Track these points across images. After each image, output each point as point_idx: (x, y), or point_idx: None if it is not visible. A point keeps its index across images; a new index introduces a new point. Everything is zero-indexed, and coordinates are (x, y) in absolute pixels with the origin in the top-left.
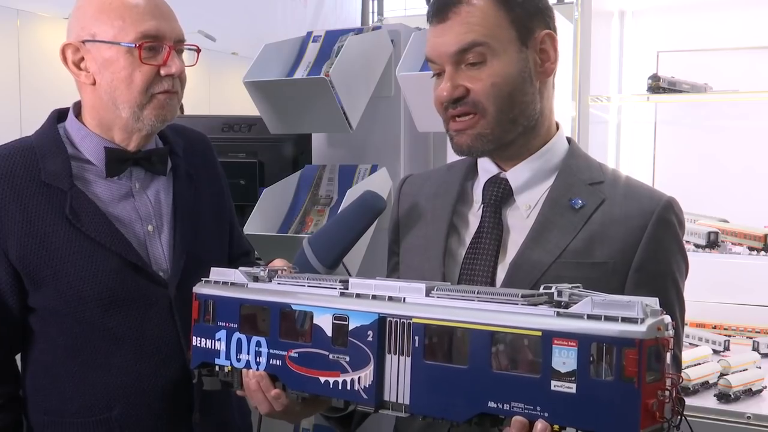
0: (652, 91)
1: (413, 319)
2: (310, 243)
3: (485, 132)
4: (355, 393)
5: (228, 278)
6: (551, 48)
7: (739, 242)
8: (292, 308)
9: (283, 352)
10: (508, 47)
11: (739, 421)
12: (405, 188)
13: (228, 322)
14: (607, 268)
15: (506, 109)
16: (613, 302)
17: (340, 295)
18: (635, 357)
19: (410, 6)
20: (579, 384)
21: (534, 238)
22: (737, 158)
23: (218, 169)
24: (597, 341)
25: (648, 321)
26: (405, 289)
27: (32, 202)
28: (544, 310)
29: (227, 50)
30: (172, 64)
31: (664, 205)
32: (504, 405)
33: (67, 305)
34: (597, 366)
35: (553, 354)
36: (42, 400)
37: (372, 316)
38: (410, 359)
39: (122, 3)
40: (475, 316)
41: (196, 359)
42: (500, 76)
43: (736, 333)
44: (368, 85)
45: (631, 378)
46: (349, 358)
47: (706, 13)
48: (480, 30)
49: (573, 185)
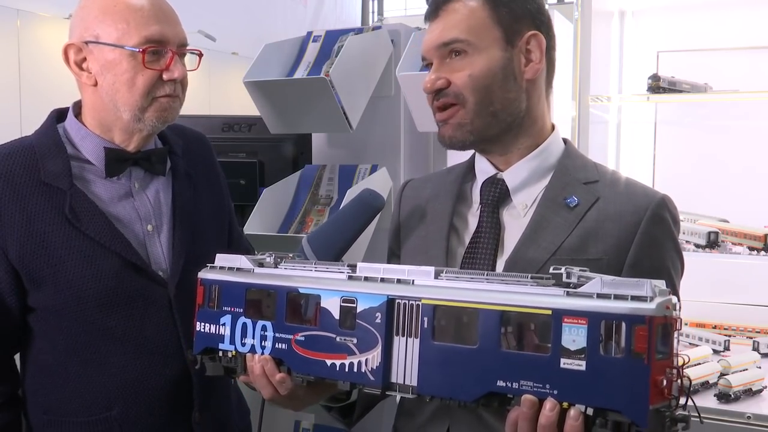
0: (652, 91)
1: (422, 300)
2: (309, 241)
3: (465, 122)
4: (362, 375)
5: (234, 264)
6: (536, 49)
7: (739, 242)
8: (300, 292)
9: (290, 335)
10: (491, 45)
11: (739, 421)
12: (406, 192)
13: (233, 306)
14: (601, 265)
15: (486, 102)
16: (623, 282)
17: (348, 278)
18: (645, 334)
19: (410, 6)
20: (589, 361)
21: (529, 237)
22: (737, 158)
23: (217, 168)
24: (607, 319)
25: (657, 299)
26: (413, 272)
27: (32, 202)
28: (554, 290)
29: (227, 50)
30: (175, 69)
31: (658, 202)
32: (513, 384)
33: (66, 305)
34: (606, 343)
35: (563, 332)
36: (41, 399)
37: (381, 298)
38: (419, 340)
39: (127, 6)
40: (485, 297)
41: (199, 345)
42: (480, 69)
43: (736, 333)
44: (368, 85)
45: (641, 354)
46: (357, 340)
47: (706, 13)
48: (464, 27)
49: (568, 184)
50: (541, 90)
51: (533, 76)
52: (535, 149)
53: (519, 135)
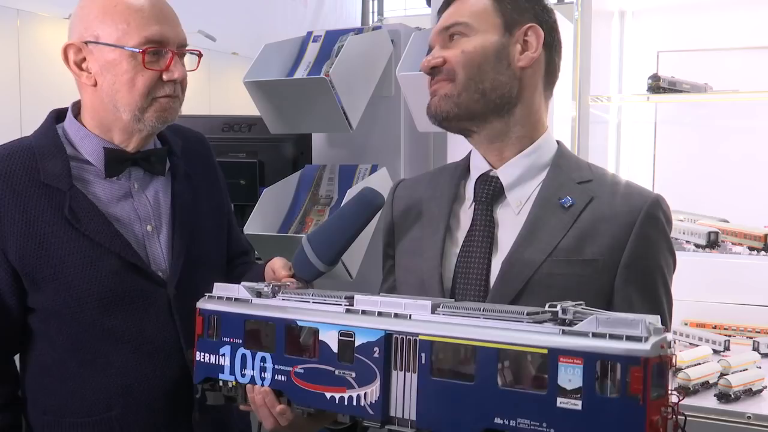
0: (652, 91)
1: (420, 336)
2: (309, 240)
3: (452, 93)
4: (361, 408)
5: (232, 294)
6: (534, 40)
7: (739, 242)
8: (298, 324)
9: (289, 367)
10: (489, 29)
11: (739, 421)
12: (398, 192)
13: (232, 337)
14: (597, 265)
15: (476, 78)
16: (618, 320)
17: (345, 311)
18: (640, 375)
19: (410, 6)
20: (585, 401)
21: (525, 237)
22: (737, 158)
23: (216, 168)
24: (602, 359)
25: (652, 339)
26: (410, 306)
27: (31, 203)
28: (550, 327)
29: (227, 50)
30: (175, 70)
31: (652, 203)
32: (510, 421)
33: (66, 305)
34: (602, 383)
35: (559, 371)
36: (41, 399)
37: (378, 333)
38: (417, 375)
39: (127, 6)
40: (482, 334)
41: (200, 374)
42: (473, 47)
43: (736, 333)
44: (368, 85)
45: (636, 395)
46: (355, 374)
47: (706, 13)
48: (466, 13)
49: (563, 184)
50: (537, 83)
51: (527, 64)
52: (530, 146)
53: (511, 122)
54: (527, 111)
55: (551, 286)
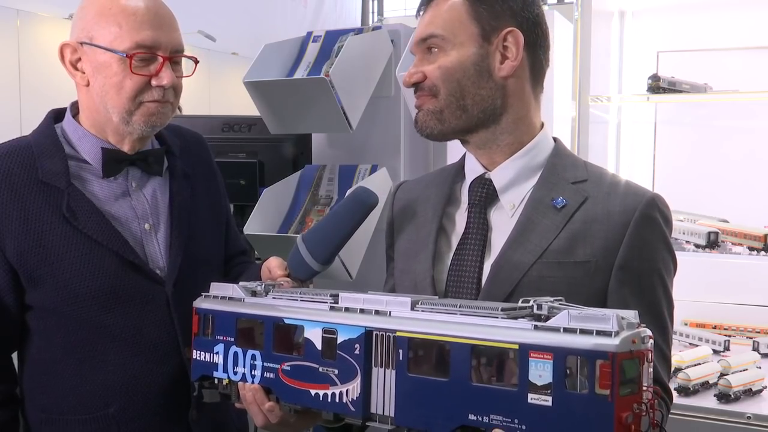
0: (652, 91)
1: (397, 333)
2: (303, 240)
3: (435, 109)
4: (343, 405)
5: (226, 293)
6: (513, 46)
7: (739, 242)
8: (285, 322)
9: (277, 365)
10: (466, 41)
11: (739, 421)
12: (399, 194)
13: (225, 335)
14: (589, 267)
15: (457, 95)
16: (590, 315)
17: (329, 309)
18: (608, 370)
19: (410, 6)
20: (555, 397)
21: (516, 239)
22: (737, 158)
23: (214, 168)
24: (571, 354)
25: (622, 334)
26: (391, 302)
27: (30, 201)
28: (523, 323)
29: (227, 50)
30: (164, 76)
31: (647, 202)
32: (484, 418)
33: (64, 303)
34: (572, 379)
35: (529, 367)
36: (39, 397)
37: (359, 330)
38: (395, 372)
39: (122, 9)
40: (456, 330)
41: (196, 372)
42: (451, 63)
43: (736, 333)
44: (368, 85)
45: (605, 391)
46: (338, 371)
47: (706, 13)
48: (440, 23)
49: (556, 184)
50: (523, 88)
51: (509, 73)
52: (522, 148)
53: (497, 132)
54: (514, 117)
55: (541, 288)
